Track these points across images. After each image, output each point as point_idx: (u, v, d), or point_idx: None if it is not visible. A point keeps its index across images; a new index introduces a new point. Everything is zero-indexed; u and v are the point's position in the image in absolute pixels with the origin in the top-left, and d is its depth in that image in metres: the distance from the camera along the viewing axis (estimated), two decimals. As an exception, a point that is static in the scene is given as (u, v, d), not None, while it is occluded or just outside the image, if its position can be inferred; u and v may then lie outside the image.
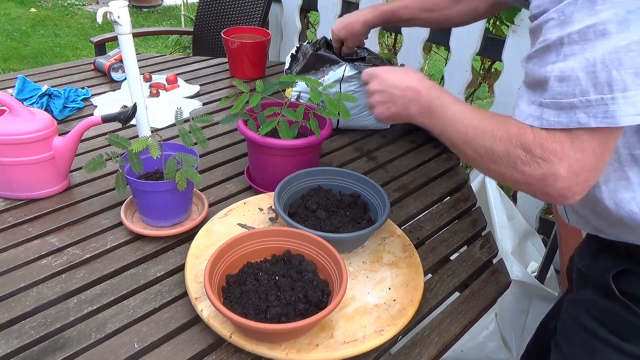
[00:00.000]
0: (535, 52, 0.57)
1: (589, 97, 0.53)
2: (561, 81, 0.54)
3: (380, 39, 2.56)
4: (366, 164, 1.27)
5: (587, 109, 0.53)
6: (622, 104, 0.52)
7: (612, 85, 0.52)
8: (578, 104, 0.54)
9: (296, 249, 0.86)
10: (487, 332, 1.54)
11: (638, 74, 0.51)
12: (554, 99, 0.55)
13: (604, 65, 0.52)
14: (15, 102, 1.00)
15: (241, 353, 0.75)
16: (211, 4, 2.42)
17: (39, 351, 0.74)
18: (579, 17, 0.52)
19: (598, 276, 0.75)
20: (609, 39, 0.51)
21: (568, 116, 0.55)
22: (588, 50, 0.52)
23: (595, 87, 0.52)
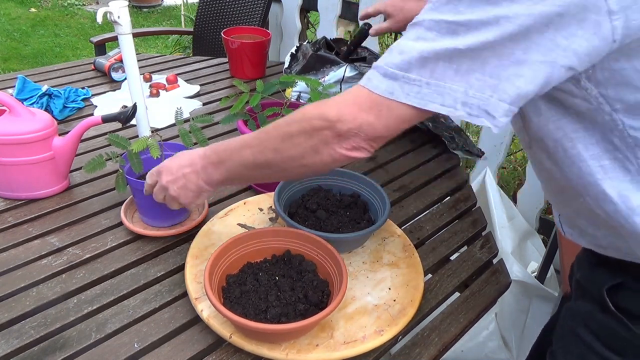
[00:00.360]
0: (410, 26, 0.60)
1: (410, 74, 0.57)
2: (400, 54, 0.58)
3: (380, 38, 2.56)
4: (366, 164, 1.27)
5: (404, 84, 0.58)
6: (433, 90, 0.56)
7: (433, 72, 0.56)
8: (400, 77, 0.58)
9: (296, 249, 0.86)
10: (487, 332, 1.54)
11: (457, 72, 0.55)
12: (386, 65, 0.59)
13: (436, 57, 0.56)
14: (15, 102, 1.00)
15: (241, 353, 0.75)
16: (211, 4, 2.42)
17: (39, 351, 0.74)
18: (444, 9, 0.56)
19: (594, 289, 0.75)
20: (455, 39, 0.55)
21: (387, 84, 0.58)
22: (435, 41, 0.56)
23: (419, 69, 0.57)
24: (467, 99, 0.56)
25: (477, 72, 0.55)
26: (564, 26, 0.51)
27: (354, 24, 2.42)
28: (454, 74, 0.56)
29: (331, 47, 1.52)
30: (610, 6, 0.50)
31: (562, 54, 0.53)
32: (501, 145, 1.87)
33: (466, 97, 0.56)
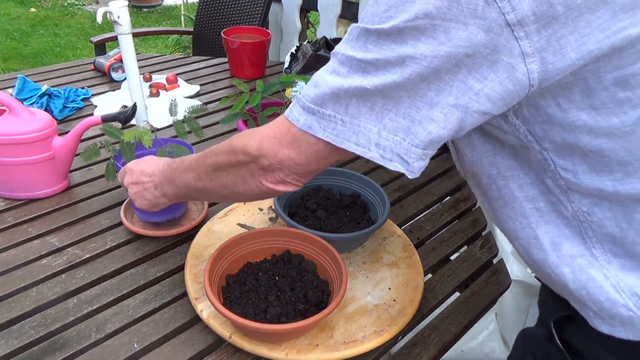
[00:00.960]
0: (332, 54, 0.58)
1: (325, 110, 0.55)
2: (315, 87, 0.56)
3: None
4: (366, 164, 1.27)
5: (321, 119, 0.56)
6: (347, 128, 0.54)
7: (347, 109, 0.54)
8: (316, 112, 0.56)
9: (296, 249, 0.86)
10: (487, 332, 1.54)
11: (372, 110, 0.53)
12: (304, 97, 0.57)
13: (347, 94, 0.54)
14: (15, 102, 1.00)
15: (241, 353, 0.75)
16: (211, 4, 2.42)
17: (39, 351, 0.74)
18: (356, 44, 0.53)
19: (544, 317, 0.72)
20: (364, 77, 0.52)
21: (306, 119, 0.57)
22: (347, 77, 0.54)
23: (333, 104, 0.55)
24: (380, 141, 0.54)
25: (391, 112, 0.53)
26: (475, 68, 0.48)
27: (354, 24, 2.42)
28: (368, 111, 0.54)
29: (331, 47, 1.52)
30: (523, 48, 0.47)
31: (474, 98, 0.50)
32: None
33: (379, 138, 0.54)
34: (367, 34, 0.52)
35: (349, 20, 2.34)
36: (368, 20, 0.52)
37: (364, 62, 0.52)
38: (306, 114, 0.57)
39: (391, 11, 0.50)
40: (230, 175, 0.67)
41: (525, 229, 0.62)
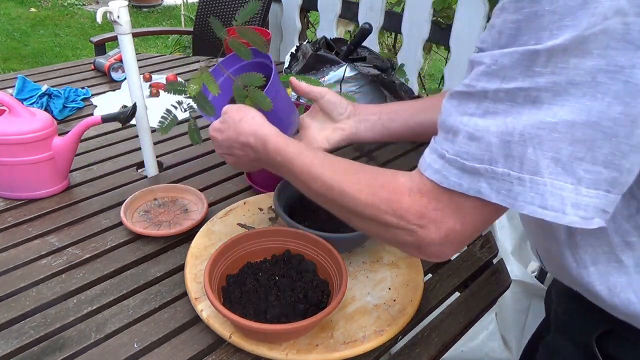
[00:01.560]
0: (457, 94, 0.50)
1: (496, 167, 0.46)
2: (471, 139, 0.47)
3: (380, 38, 2.56)
4: (367, 163, 1.27)
5: (491, 180, 0.46)
6: (528, 188, 0.44)
7: (523, 164, 0.44)
8: (483, 172, 0.46)
9: (296, 249, 0.86)
10: (487, 332, 1.54)
11: (557, 162, 0.43)
12: (459, 157, 0.48)
13: (521, 138, 0.44)
14: (15, 102, 1.00)
15: (241, 353, 0.75)
16: (211, 4, 2.42)
17: (39, 351, 0.74)
18: (512, 73, 0.44)
19: (578, 332, 0.68)
20: (539, 109, 0.43)
21: (470, 181, 0.47)
22: (512, 114, 0.44)
23: (505, 159, 0.45)
24: (579, 200, 0.43)
25: (585, 162, 0.42)
26: None
27: (354, 24, 2.42)
28: (552, 164, 0.43)
29: (331, 47, 1.52)
30: None
31: None
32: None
33: (577, 196, 0.43)
34: (532, 55, 0.42)
35: (349, 20, 2.34)
36: (526, 39, 0.43)
37: (534, 90, 0.43)
38: (470, 176, 0.47)
39: (566, 20, 0.41)
40: (371, 228, 0.59)
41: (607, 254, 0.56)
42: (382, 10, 2.07)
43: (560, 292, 0.76)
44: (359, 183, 0.58)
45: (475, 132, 0.46)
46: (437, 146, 0.50)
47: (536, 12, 0.42)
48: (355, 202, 0.58)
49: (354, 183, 0.59)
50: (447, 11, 1.95)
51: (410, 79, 1.99)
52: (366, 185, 0.57)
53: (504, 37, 0.45)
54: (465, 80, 0.49)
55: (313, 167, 0.65)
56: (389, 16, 2.09)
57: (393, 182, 0.55)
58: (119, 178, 1.15)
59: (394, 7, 2.30)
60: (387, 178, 0.56)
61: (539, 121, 0.43)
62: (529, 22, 0.43)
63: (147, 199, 1.05)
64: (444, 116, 0.51)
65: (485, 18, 1.77)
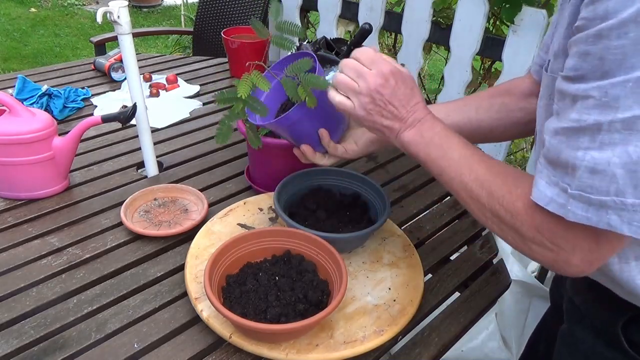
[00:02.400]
0: (565, 130, 0.48)
1: (625, 199, 0.45)
2: (593, 173, 0.46)
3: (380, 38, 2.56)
4: (366, 164, 1.27)
5: (621, 212, 0.45)
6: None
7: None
8: (611, 204, 0.46)
9: (296, 249, 0.86)
10: (487, 332, 1.54)
11: None
12: (583, 191, 0.47)
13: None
14: (15, 102, 1.00)
15: (241, 353, 0.75)
16: (211, 4, 2.42)
17: (39, 351, 0.74)
18: (627, 103, 0.43)
19: (600, 321, 0.68)
20: None
21: (598, 214, 0.47)
22: (632, 142, 0.43)
23: (635, 189, 0.44)
24: None
25: None
26: None
27: (354, 24, 2.42)
28: None
29: (331, 47, 1.52)
30: None
31: None
32: (501, 145, 1.87)
33: None
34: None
35: (349, 20, 2.34)
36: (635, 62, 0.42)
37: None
38: (597, 210, 0.47)
39: None
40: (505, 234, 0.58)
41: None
42: (382, 10, 2.07)
43: (578, 282, 0.76)
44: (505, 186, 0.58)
45: (596, 166, 0.46)
46: (558, 180, 0.50)
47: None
48: (499, 206, 0.58)
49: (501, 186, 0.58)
50: (447, 11, 1.94)
51: (410, 79, 1.99)
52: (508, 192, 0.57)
53: (608, 64, 0.44)
54: (570, 114, 0.48)
55: (467, 160, 0.63)
56: (389, 16, 2.09)
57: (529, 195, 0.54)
58: (119, 178, 1.15)
59: (394, 7, 2.30)
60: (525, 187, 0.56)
61: None
62: (636, 45, 0.42)
63: (147, 199, 1.05)
64: (552, 154, 0.50)
65: (485, 18, 1.77)
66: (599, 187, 0.46)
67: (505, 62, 1.79)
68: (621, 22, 0.42)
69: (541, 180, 0.52)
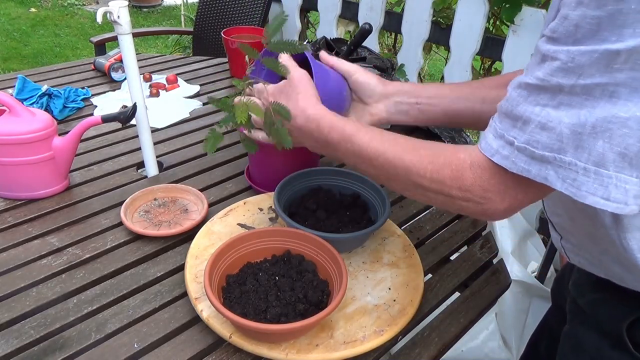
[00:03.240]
0: (529, 86, 0.50)
1: (564, 156, 0.48)
2: (543, 129, 0.48)
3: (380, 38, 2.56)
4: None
5: (558, 168, 0.48)
6: (592, 179, 0.46)
7: (590, 155, 0.46)
8: (551, 160, 0.48)
9: (296, 249, 0.86)
10: (487, 332, 1.54)
11: (624, 156, 0.45)
12: (529, 145, 0.50)
13: (593, 131, 0.45)
14: (15, 102, 1.00)
15: (241, 353, 0.75)
16: (211, 4, 2.42)
17: (39, 351, 0.74)
18: (590, 71, 0.45)
19: (605, 322, 0.68)
20: (614, 104, 0.44)
21: (538, 168, 0.50)
22: (586, 107, 0.46)
23: (575, 150, 0.47)
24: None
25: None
26: None
27: (354, 24, 2.42)
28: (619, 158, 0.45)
29: (331, 47, 1.52)
30: None
31: None
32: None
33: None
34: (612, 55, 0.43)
35: (349, 20, 2.34)
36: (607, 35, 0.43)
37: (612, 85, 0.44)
38: (539, 164, 0.49)
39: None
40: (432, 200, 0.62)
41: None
42: (382, 10, 2.07)
43: (582, 283, 0.76)
44: (422, 161, 0.61)
45: (548, 122, 0.48)
46: (504, 133, 0.52)
47: (621, 10, 0.42)
48: (421, 179, 0.61)
49: (418, 161, 0.62)
50: (447, 11, 1.95)
51: (410, 79, 1.99)
52: (429, 162, 0.60)
53: (582, 31, 0.45)
54: (536, 71, 0.49)
55: (373, 144, 0.66)
56: (389, 16, 2.09)
57: (455, 160, 0.58)
58: (119, 178, 1.15)
59: (394, 7, 2.30)
60: (448, 155, 0.59)
61: (612, 115, 0.44)
62: (612, 19, 0.43)
63: (147, 199, 1.05)
64: (510, 105, 0.52)
65: (485, 18, 1.77)
66: (545, 142, 0.48)
67: (505, 62, 1.79)
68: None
69: (489, 134, 0.55)
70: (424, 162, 0.61)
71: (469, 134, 2.36)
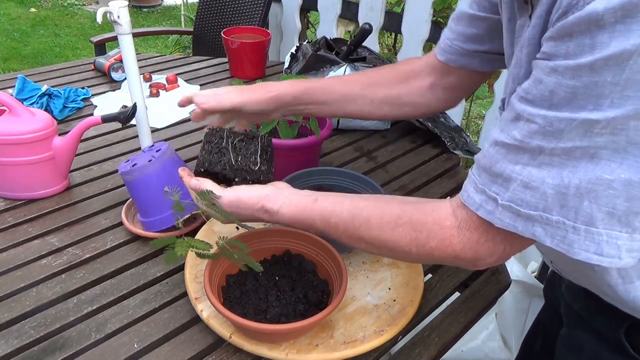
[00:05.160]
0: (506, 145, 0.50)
1: (550, 215, 0.47)
2: (526, 188, 0.48)
3: (380, 38, 2.56)
4: (366, 164, 1.27)
5: (545, 226, 0.48)
6: (583, 237, 0.46)
7: (578, 214, 0.46)
8: (537, 218, 0.48)
9: (296, 249, 0.86)
10: (487, 332, 1.54)
11: (612, 215, 0.45)
12: (513, 203, 0.49)
13: (577, 192, 0.45)
14: (15, 102, 1.00)
15: (241, 353, 0.75)
16: (211, 4, 2.42)
17: (39, 351, 0.74)
18: (569, 136, 0.44)
19: (602, 327, 0.68)
20: (596, 164, 0.44)
21: (525, 225, 0.49)
22: (568, 168, 0.45)
23: (560, 209, 0.47)
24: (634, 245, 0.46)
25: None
26: None
27: (354, 24, 2.42)
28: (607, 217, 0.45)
29: (331, 47, 1.52)
30: None
31: None
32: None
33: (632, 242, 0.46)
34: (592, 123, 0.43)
35: (349, 20, 2.34)
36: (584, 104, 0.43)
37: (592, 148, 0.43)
38: (524, 221, 0.49)
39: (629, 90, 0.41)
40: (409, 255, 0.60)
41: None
42: (382, 10, 2.07)
43: (575, 288, 0.75)
44: (404, 239, 0.59)
45: (531, 182, 0.47)
46: (485, 188, 0.52)
47: (596, 83, 0.42)
48: (407, 255, 0.60)
49: (399, 239, 0.60)
50: (447, 11, 1.95)
51: (410, 79, 1.99)
52: (412, 240, 0.59)
53: (557, 98, 0.45)
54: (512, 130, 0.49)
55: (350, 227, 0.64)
56: (389, 16, 2.09)
57: (439, 231, 0.57)
58: (119, 178, 1.15)
59: (394, 7, 2.30)
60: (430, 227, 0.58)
61: (596, 177, 0.44)
62: (587, 90, 0.42)
63: (147, 199, 1.05)
64: (488, 162, 0.52)
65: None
66: (529, 201, 0.48)
67: (505, 62, 1.79)
68: (577, 66, 0.42)
69: (470, 186, 0.55)
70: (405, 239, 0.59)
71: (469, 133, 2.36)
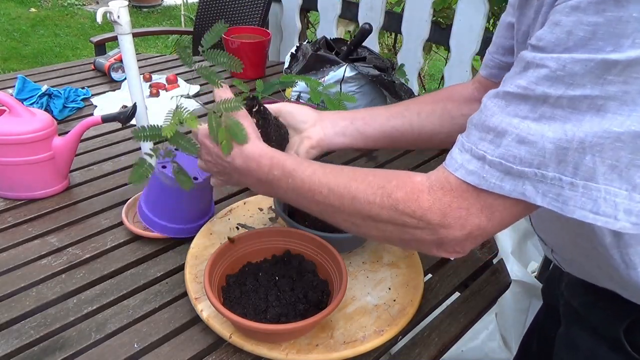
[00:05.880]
0: (507, 95, 0.47)
1: (546, 172, 0.44)
2: (521, 143, 0.45)
3: (380, 38, 2.56)
4: (366, 164, 1.27)
5: (538, 183, 0.45)
6: (580, 194, 0.44)
7: (577, 169, 0.43)
8: (530, 175, 0.45)
9: (296, 249, 0.86)
10: (487, 332, 1.54)
11: (614, 169, 0.43)
12: (504, 159, 0.46)
13: (580, 146, 0.43)
14: (15, 102, 1.00)
15: (241, 353, 0.75)
16: (211, 4, 2.42)
17: (39, 351, 0.74)
18: (582, 81, 0.42)
19: (600, 324, 0.67)
20: (602, 117, 0.42)
21: (513, 184, 0.46)
22: (571, 121, 0.43)
23: (558, 165, 0.44)
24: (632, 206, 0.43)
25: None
26: None
27: (354, 24, 2.42)
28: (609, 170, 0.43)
29: (331, 47, 1.52)
30: None
31: None
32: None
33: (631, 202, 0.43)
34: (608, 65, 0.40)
35: (349, 20, 2.34)
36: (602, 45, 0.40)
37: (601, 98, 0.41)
38: (514, 179, 0.46)
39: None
40: (385, 233, 0.56)
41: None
42: (382, 10, 2.07)
43: (574, 284, 0.74)
44: (371, 187, 0.56)
45: (528, 137, 0.45)
46: (472, 146, 0.49)
47: (621, 18, 0.39)
48: (370, 206, 0.55)
49: (366, 187, 0.56)
50: (447, 11, 1.95)
51: (410, 79, 1.99)
52: (379, 187, 0.55)
53: (574, 38, 0.42)
54: (517, 80, 0.46)
55: (316, 177, 0.61)
56: (389, 16, 2.09)
57: (409, 182, 0.53)
58: (119, 178, 1.15)
59: (394, 7, 2.30)
60: (401, 178, 0.55)
61: (603, 130, 0.42)
62: (609, 26, 0.40)
63: (147, 199, 1.05)
64: (484, 115, 0.49)
65: (485, 18, 1.77)
66: (523, 157, 0.45)
67: (505, 62, 1.79)
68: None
69: (455, 149, 0.51)
70: (373, 187, 0.55)
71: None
